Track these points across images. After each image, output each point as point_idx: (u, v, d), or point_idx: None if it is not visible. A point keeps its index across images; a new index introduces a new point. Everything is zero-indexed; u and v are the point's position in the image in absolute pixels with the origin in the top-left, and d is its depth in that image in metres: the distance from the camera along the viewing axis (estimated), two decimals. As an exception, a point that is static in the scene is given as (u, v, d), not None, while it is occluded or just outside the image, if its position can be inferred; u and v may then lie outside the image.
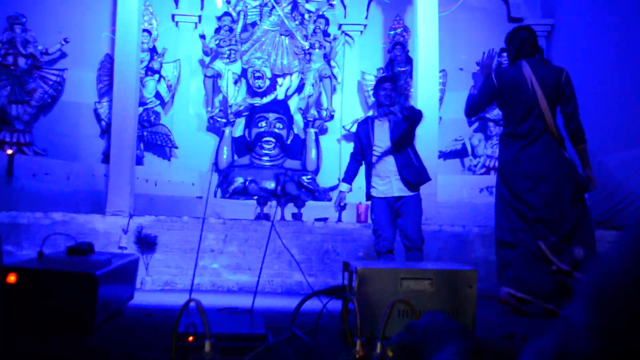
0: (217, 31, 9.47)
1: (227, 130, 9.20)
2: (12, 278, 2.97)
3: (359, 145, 5.35)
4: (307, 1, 9.65)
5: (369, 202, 5.39)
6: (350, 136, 8.91)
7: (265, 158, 9.04)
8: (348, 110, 9.53)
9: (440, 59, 7.67)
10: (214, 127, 9.36)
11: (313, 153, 9.19)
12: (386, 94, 5.17)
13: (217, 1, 9.57)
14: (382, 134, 5.16)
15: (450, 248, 6.60)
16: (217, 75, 9.35)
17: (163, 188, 8.51)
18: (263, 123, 9.14)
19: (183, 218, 6.56)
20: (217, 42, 9.38)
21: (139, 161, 8.52)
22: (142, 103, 8.82)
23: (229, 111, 9.23)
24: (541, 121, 4.60)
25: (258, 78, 9.38)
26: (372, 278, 3.09)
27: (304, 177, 8.80)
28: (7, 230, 6.15)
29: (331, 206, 7.11)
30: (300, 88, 9.59)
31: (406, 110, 5.09)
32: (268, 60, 9.51)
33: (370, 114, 8.22)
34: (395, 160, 5.07)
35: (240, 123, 9.43)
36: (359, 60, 9.73)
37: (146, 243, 6.23)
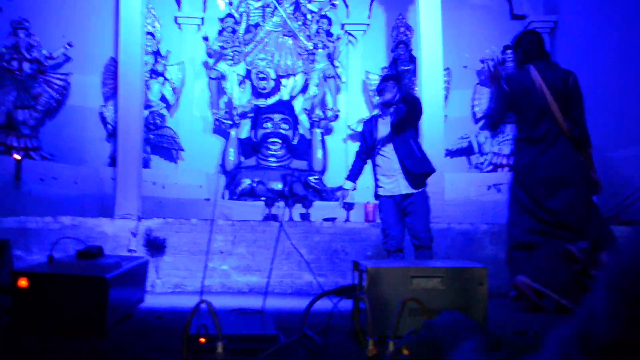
0: (220, 33, 9.48)
1: (233, 131, 9.22)
2: (24, 282, 2.99)
3: (364, 144, 5.35)
4: (310, 1, 9.65)
5: (377, 201, 5.38)
6: (356, 135, 8.91)
7: (271, 159, 9.04)
8: (353, 109, 9.53)
9: (444, 57, 7.66)
10: (220, 129, 9.37)
11: (319, 153, 9.19)
12: (390, 92, 5.16)
13: (220, 3, 9.58)
14: (386, 133, 5.15)
15: (458, 246, 6.59)
16: (222, 77, 9.36)
17: (170, 191, 8.52)
18: (269, 124, 9.14)
19: (191, 220, 6.57)
20: (221, 44, 9.39)
21: (146, 164, 8.53)
22: (148, 106, 8.82)
23: (234, 113, 9.24)
24: (555, 124, 4.59)
25: (262, 79, 9.39)
26: (383, 277, 3.09)
27: (311, 178, 8.80)
28: (17, 235, 6.17)
29: (339, 206, 7.12)
30: (304, 88, 9.59)
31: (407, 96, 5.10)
32: (272, 61, 9.51)
33: (375, 113, 8.21)
34: (396, 152, 5.04)
35: (245, 124, 9.43)
36: (363, 59, 9.73)
37: (155, 246, 6.23)
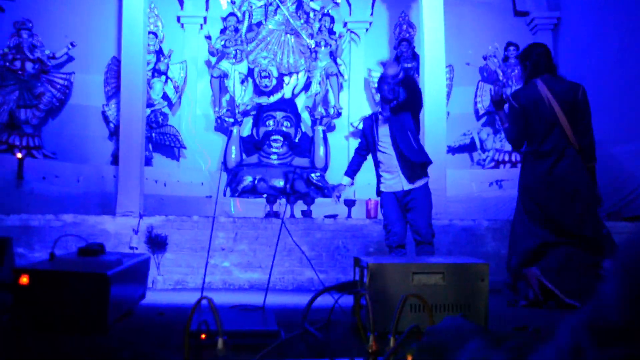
0: (223, 32, 9.48)
1: (235, 129, 9.22)
2: (25, 279, 2.99)
3: (364, 140, 5.34)
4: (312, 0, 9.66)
5: (379, 198, 5.37)
6: (357, 133, 8.91)
7: (273, 156, 9.05)
8: (355, 107, 9.53)
9: (446, 54, 7.65)
10: (222, 127, 9.38)
11: (321, 150, 9.19)
12: (390, 89, 5.13)
13: (222, 2, 9.58)
14: (386, 129, 5.11)
15: (460, 242, 6.59)
16: (224, 75, 9.37)
17: (172, 188, 8.53)
18: (271, 122, 9.15)
19: (193, 217, 6.58)
20: (223, 43, 9.39)
21: (148, 162, 8.55)
22: (150, 104, 8.84)
23: (237, 111, 9.25)
24: (564, 137, 4.58)
25: (265, 77, 9.40)
26: (384, 273, 3.09)
27: (313, 175, 8.80)
28: (19, 232, 6.18)
29: (341, 203, 7.12)
30: (307, 86, 9.59)
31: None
32: (274, 59, 9.52)
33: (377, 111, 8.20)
34: (392, 140, 5.00)
35: (247, 122, 9.44)
36: (365, 57, 9.73)
37: (157, 243, 6.24)
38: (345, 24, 9.76)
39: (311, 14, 9.62)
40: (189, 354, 2.33)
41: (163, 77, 9.23)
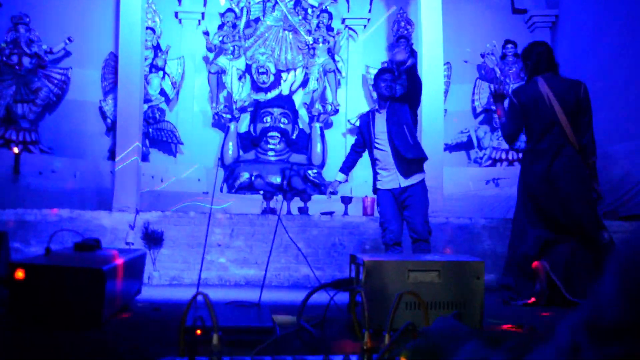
0: (221, 27, 9.47)
1: (232, 125, 9.22)
2: (20, 274, 2.98)
3: (361, 137, 5.30)
4: (310, -4, 9.65)
5: (375, 195, 5.35)
6: (355, 130, 8.91)
7: (270, 153, 9.05)
8: (353, 104, 9.53)
9: (444, 52, 7.65)
10: (219, 123, 9.38)
11: (318, 147, 9.19)
12: (387, 85, 5.10)
13: (220, -3, 9.58)
14: (383, 126, 5.08)
15: (457, 240, 6.59)
16: (222, 71, 9.36)
17: (169, 184, 8.53)
18: (268, 118, 9.14)
19: (189, 213, 6.58)
20: (221, 39, 9.38)
21: (145, 158, 8.54)
22: (147, 100, 8.83)
23: (234, 107, 9.24)
24: (562, 136, 4.58)
25: (262, 73, 9.39)
26: (380, 270, 3.09)
27: (310, 171, 8.81)
28: (15, 227, 6.18)
29: (337, 200, 7.12)
30: (304, 83, 9.59)
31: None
32: (272, 55, 9.51)
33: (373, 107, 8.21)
34: (388, 135, 4.97)
35: (245, 118, 9.44)
36: (363, 54, 9.73)
37: (153, 238, 6.24)
38: (343, 21, 9.76)
39: (309, 10, 9.62)
40: (184, 350, 2.33)
41: (160, 73, 9.22)
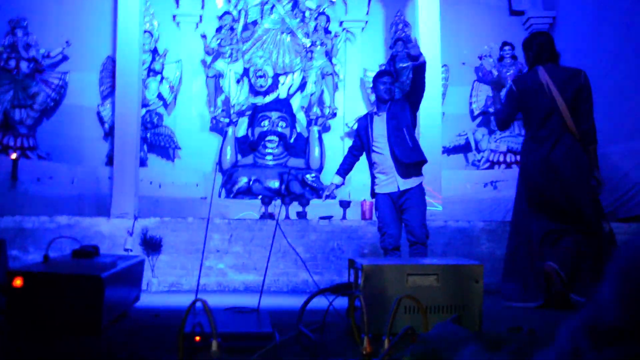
0: (219, 31, 9.47)
1: (230, 130, 9.21)
2: (19, 282, 2.98)
3: (359, 140, 5.27)
4: (308, -2, 9.66)
5: (374, 200, 5.31)
6: (353, 133, 8.91)
7: (268, 157, 9.03)
8: (351, 107, 9.52)
9: (442, 54, 7.66)
10: (217, 127, 9.37)
11: (316, 151, 9.18)
12: (386, 88, 5.07)
13: (218, 1, 9.57)
14: (382, 129, 5.05)
15: (455, 243, 6.58)
16: (219, 75, 9.36)
17: (167, 189, 8.51)
18: (266, 122, 9.13)
19: (188, 219, 6.57)
20: (219, 42, 9.38)
21: (143, 163, 8.53)
22: (145, 104, 8.82)
23: (232, 111, 9.24)
24: (561, 124, 4.59)
25: (260, 77, 9.39)
26: (378, 274, 3.09)
27: (308, 176, 8.80)
28: (13, 234, 6.16)
29: (336, 204, 7.11)
30: (302, 86, 9.58)
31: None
32: (270, 58, 9.51)
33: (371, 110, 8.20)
34: (388, 140, 4.96)
35: (243, 122, 9.42)
36: (361, 57, 9.72)
37: (151, 245, 6.22)
38: (341, 23, 9.75)
39: (307, 13, 9.61)
40: (183, 356, 2.33)
41: (158, 77, 9.20)
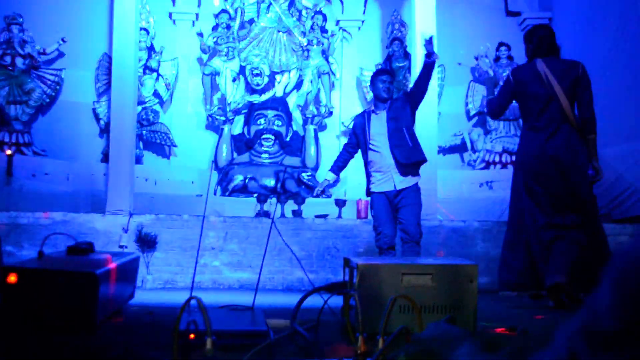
0: (215, 29, 9.45)
1: (226, 128, 9.20)
2: (13, 278, 2.97)
3: (354, 138, 5.25)
4: (305, -3, 9.65)
5: (369, 198, 5.29)
6: (349, 132, 8.91)
7: (264, 155, 9.03)
8: (347, 106, 9.52)
9: (438, 54, 7.64)
10: (213, 125, 9.36)
11: (312, 150, 9.18)
12: (385, 87, 5.06)
13: (214, -1, 9.57)
14: (380, 128, 5.05)
15: (450, 243, 6.60)
16: (215, 73, 9.35)
17: (163, 187, 8.50)
18: (262, 120, 9.13)
19: (183, 216, 6.56)
20: (215, 40, 9.37)
21: (138, 160, 8.52)
22: (141, 102, 8.81)
23: (228, 109, 9.23)
24: (560, 112, 4.60)
25: (256, 75, 9.38)
26: (373, 274, 3.08)
27: (304, 174, 8.79)
28: (7, 230, 6.15)
29: (331, 202, 7.12)
30: (298, 85, 9.58)
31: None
32: (266, 57, 9.50)
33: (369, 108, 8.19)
34: (389, 140, 4.96)
35: (239, 121, 9.42)
36: (357, 56, 9.73)
37: (146, 242, 6.22)
38: (337, 22, 9.75)
39: (303, 12, 9.61)
40: (178, 354, 2.33)
41: (154, 74, 9.19)
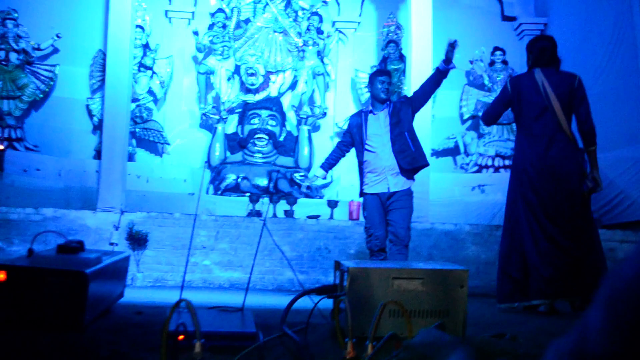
0: (211, 28, 9.44)
1: (220, 127, 9.19)
2: (2, 276, 2.95)
3: (349, 136, 5.18)
4: (301, -2, 9.64)
5: (362, 199, 5.22)
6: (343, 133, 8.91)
7: (257, 155, 9.02)
8: (341, 107, 9.53)
9: (433, 57, 7.66)
10: (207, 124, 9.34)
11: (306, 150, 9.18)
12: (384, 87, 5.00)
13: (210, -3, 9.55)
14: (377, 129, 4.99)
15: (441, 246, 6.61)
16: (210, 72, 9.33)
17: (155, 184, 8.48)
18: (256, 120, 9.12)
19: (174, 214, 6.55)
20: (210, 39, 9.35)
21: (131, 157, 8.50)
22: (135, 99, 8.78)
23: (222, 108, 9.21)
24: (555, 122, 4.63)
25: (251, 75, 9.37)
26: (364, 277, 3.08)
27: (297, 174, 8.79)
28: (-2, 226, 6.14)
29: (323, 203, 7.12)
30: (293, 85, 9.58)
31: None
32: (261, 57, 9.49)
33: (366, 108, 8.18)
34: (392, 146, 4.91)
35: (233, 120, 9.41)
36: (353, 57, 9.74)
37: (137, 239, 6.21)
38: (333, 24, 9.75)
39: (300, 13, 9.61)
40: (166, 355, 2.32)
41: (149, 72, 9.17)
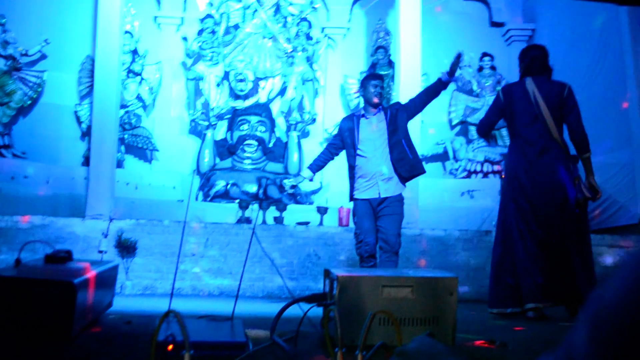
0: (200, 33, 9.43)
1: (209, 133, 9.17)
2: (-11, 286, 2.93)
3: (340, 140, 5.12)
4: (290, 4, 9.64)
5: (352, 205, 5.13)
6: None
7: (247, 161, 9.00)
8: (330, 113, 9.53)
9: (422, 63, 7.70)
10: (196, 130, 9.32)
11: (295, 156, 9.17)
12: (377, 91, 4.95)
13: (200, 3, 9.53)
14: (370, 133, 4.94)
15: (431, 252, 6.62)
16: (199, 78, 9.32)
17: (144, 191, 8.44)
18: (245, 126, 9.10)
19: (164, 222, 6.52)
20: (200, 45, 9.34)
21: (120, 164, 8.46)
22: (123, 105, 8.75)
23: (211, 114, 9.20)
24: (545, 130, 4.67)
25: (240, 81, 9.36)
26: (353, 285, 3.09)
27: (286, 181, 8.75)
28: (-15, 234, 6.09)
29: (313, 209, 7.11)
30: (282, 91, 9.58)
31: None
32: (250, 63, 9.49)
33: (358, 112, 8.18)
34: (390, 154, 4.88)
35: (222, 126, 9.39)
36: (342, 63, 9.75)
37: (126, 247, 6.18)
38: (322, 30, 9.77)
39: (289, 19, 9.61)
40: (155, 365, 2.31)
41: (138, 78, 9.13)
